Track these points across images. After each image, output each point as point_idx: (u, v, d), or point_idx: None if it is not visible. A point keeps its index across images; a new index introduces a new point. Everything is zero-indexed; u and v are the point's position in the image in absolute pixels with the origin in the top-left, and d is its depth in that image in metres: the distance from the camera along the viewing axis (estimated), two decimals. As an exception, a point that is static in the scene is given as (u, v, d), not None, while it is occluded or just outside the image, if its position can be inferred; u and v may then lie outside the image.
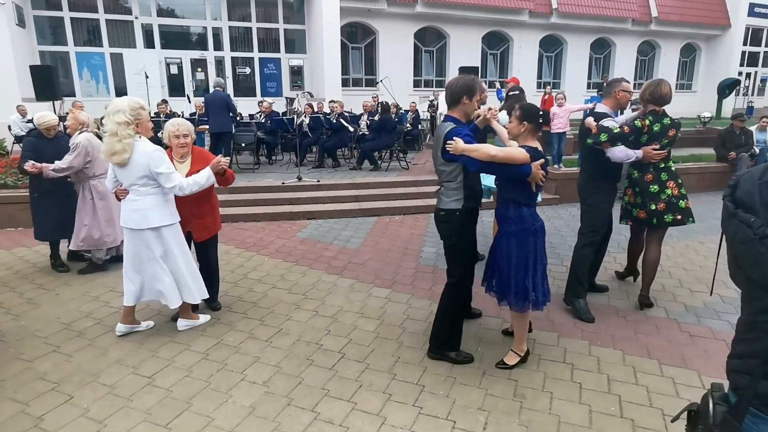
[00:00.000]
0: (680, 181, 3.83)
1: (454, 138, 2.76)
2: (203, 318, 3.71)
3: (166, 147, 3.52)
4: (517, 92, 4.96)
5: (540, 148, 2.89)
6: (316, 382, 2.95)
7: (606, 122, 3.62)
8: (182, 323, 3.60)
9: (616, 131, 3.54)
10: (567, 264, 4.98)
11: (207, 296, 3.67)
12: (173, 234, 3.40)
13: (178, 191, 3.25)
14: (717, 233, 6.16)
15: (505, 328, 3.57)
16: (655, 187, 3.76)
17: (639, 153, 3.68)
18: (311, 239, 5.88)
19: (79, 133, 4.49)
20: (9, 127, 10.15)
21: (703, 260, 5.17)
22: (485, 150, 2.69)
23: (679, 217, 3.77)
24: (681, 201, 3.78)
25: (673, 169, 3.84)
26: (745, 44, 21.07)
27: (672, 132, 3.69)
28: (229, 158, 3.41)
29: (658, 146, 3.69)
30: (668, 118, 3.69)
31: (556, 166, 8.68)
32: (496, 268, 3.02)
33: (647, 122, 3.65)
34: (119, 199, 3.38)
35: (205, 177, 3.33)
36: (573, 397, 2.82)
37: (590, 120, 3.69)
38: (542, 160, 2.79)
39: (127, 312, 3.50)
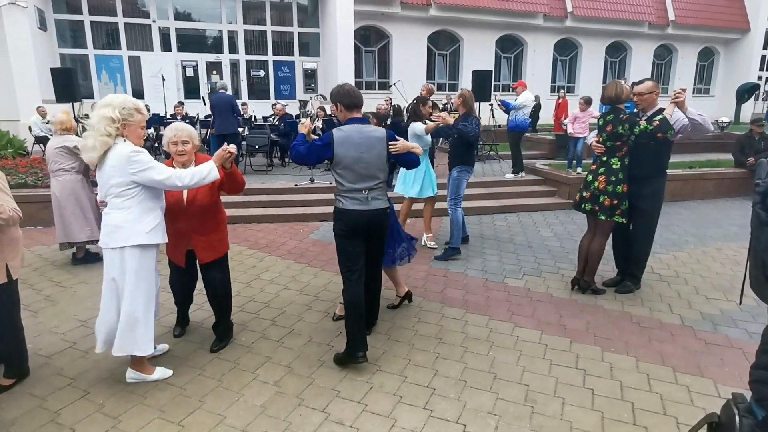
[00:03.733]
0: (613, 179, 3.99)
1: (397, 138, 3.21)
2: (159, 373, 2.99)
3: (168, 156, 3.22)
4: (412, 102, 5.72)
5: None
6: (327, 383, 2.97)
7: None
8: (131, 374, 2.94)
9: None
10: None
11: (149, 352, 2.90)
12: (141, 259, 2.77)
13: (176, 181, 2.75)
14: (734, 240, 6.06)
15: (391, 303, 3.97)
16: (590, 176, 4.14)
17: (588, 141, 4.34)
18: (323, 241, 5.91)
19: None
20: (30, 128, 10.38)
21: (720, 267, 5.09)
22: (417, 149, 3.31)
23: (596, 208, 4.06)
24: (602, 196, 4.03)
25: (614, 167, 4.02)
26: (765, 48, 20.67)
27: (609, 127, 3.97)
28: (235, 147, 3.00)
29: (599, 139, 4.09)
30: (613, 116, 3.95)
31: (568, 169, 8.52)
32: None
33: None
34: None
35: (207, 168, 2.82)
36: (585, 404, 2.80)
37: None
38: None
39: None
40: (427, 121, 5.37)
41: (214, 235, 3.22)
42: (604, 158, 4.05)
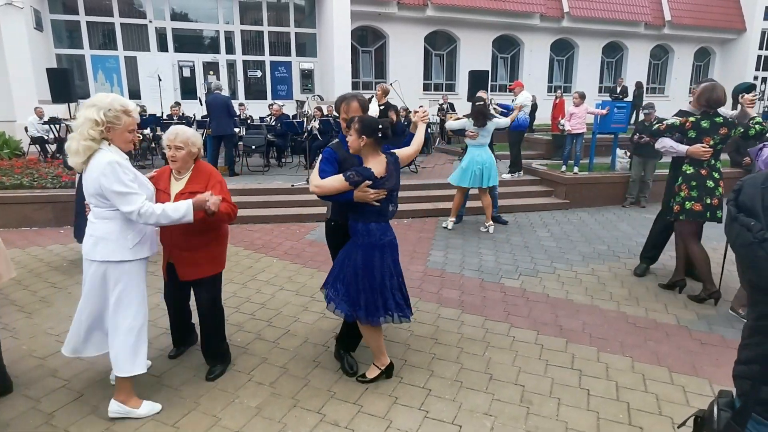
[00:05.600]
0: (722, 182, 4.12)
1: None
2: (146, 407, 2.66)
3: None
4: (480, 103, 6.18)
5: (382, 165, 2.71)
6: (322, 384, 2.96)
7: (671, 119, 4.18)
8: (115, 407, 2.61)
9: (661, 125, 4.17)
10: (576, 269, 4.97)
11: (141, 371, 2.62)
12: (129, 274, 2.54)
13: (136, 218, 2.43)
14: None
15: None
16: (710, 182, 4.05)
17: (682, 148, 4.09)
18: (319, 242, 5.90)
19: None
20: (26, 129, 10.34)
21: (716, 267, 5.08)
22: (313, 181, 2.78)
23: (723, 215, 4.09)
24: (725, 199, 4.03)
25: (720, 168, 4.13)
26: (761, 48, 20.74)
27: (723, 130, 3.95)
28: (220, 198, 2.64)
29: (710, 142, 3.97)
30: (721, 117, 3.96)
31: (563, 169, 8.49)
32: (343, 279, 2.86)
33: (691, 120, 3.99)
34: None
35: (181, 212, 2.51)
36: (581, 404, 2.80)
37: None
38: (368, 181, 2.63)
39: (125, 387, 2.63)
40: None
41: (200, 252, 2.85)
42: (712, 161, 4.08)
